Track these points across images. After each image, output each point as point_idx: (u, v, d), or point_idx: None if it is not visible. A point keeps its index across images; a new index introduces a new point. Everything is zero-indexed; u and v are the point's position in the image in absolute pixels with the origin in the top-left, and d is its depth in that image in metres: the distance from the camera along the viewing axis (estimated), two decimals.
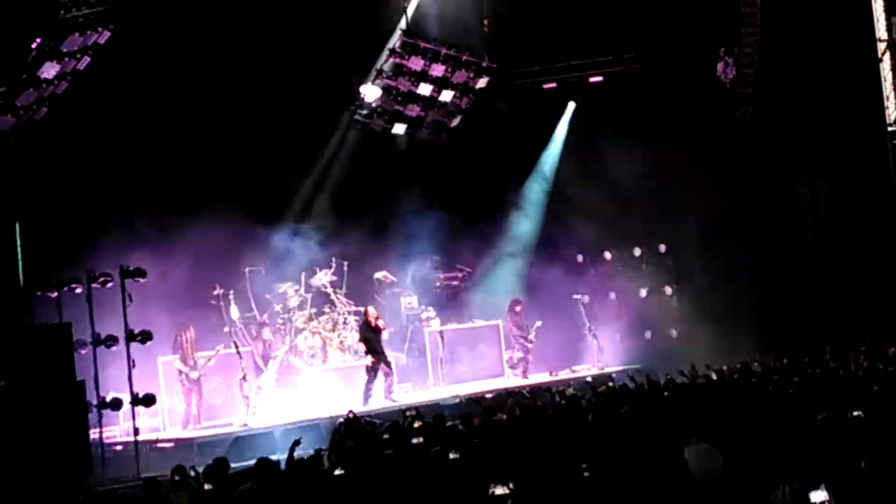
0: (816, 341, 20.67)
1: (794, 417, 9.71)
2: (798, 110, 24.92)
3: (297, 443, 12.25)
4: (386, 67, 24.30)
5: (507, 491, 5.63)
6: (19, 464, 15.05)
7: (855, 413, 9.25)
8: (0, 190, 18.48)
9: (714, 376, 16.62)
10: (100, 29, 18.62)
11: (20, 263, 18.44)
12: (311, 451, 12.57)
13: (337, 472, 9.83)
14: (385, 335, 20.70)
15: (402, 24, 24.35)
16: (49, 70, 18.39)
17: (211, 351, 19.21)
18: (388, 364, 20.43)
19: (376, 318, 20.57)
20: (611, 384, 17.70)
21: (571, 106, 27.01)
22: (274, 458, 12.42)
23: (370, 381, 20.15)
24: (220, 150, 21.07)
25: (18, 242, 18.57)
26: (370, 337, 20.36)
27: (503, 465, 7.89)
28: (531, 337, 23.47)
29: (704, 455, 5.95)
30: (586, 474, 6.97)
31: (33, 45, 18.06)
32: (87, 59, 18.82)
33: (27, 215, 18.71)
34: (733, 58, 25.11)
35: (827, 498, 5.33)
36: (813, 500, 5.33)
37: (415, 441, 11.46)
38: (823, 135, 25.34)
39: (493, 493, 5.62)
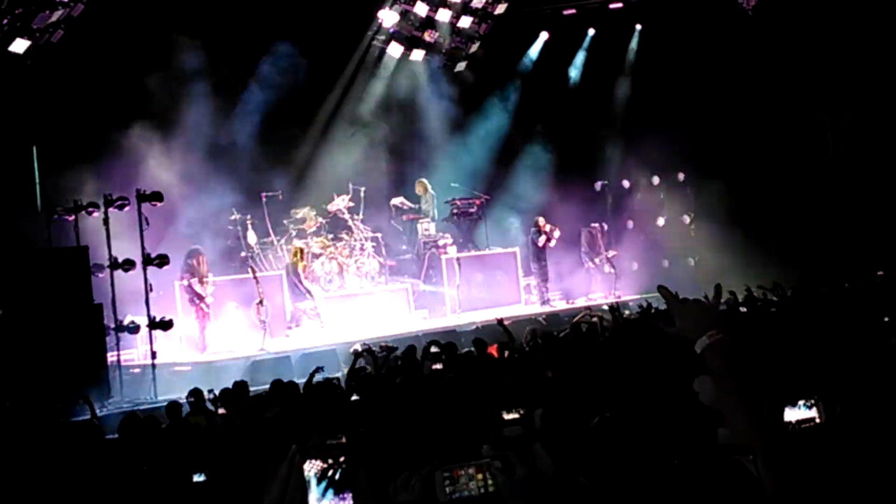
0: (833, 270, 20.54)
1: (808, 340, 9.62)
2: (820, 43, 24.48)
3: (318, 370, 12.28)
4: None
5: (517, 416, 5.65)
6: (38, 386, 15.20)
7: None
8: (17, 113, 18.44)
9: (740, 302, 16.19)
10: None
11: (38, 187, 18.47)
12: (331, 376, 12.67)
13: (353, 397, 9.83)
14: (552, 243, 23.01)
15: None
16: None
17: (224, 276, 19.34)
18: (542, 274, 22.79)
19: (544, 225, 22.80)
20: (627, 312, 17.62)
21: (591, 32, 26.69)
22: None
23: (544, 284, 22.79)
24: (236, 74, 20.98)
25: (36, 166, 18.57)
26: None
27: (517, 392, 7.89)
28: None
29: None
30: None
31: None
32: None
33: (44, 138, 18.68)
34: None
35: (811, 415, 4.94)
36: (788, 418, 4.95)
37: (432, 367, 11.49)
38: (844, 67, 24.92)
39: (504, 418, 5.65)
